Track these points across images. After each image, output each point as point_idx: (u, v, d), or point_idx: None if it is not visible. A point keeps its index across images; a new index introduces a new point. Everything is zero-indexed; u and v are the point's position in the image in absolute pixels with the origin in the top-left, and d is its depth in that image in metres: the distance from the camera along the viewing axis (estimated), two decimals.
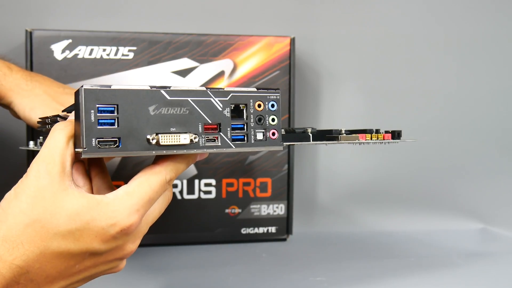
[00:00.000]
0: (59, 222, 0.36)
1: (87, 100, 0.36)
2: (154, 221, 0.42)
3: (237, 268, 0.69)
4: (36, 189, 0.37)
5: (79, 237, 0.37)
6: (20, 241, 0.36)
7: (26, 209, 0.36)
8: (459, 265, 0.71)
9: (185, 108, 0.39)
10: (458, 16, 0.95)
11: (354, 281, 0.64)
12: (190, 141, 0.39)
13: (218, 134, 0.40)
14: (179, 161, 0.41)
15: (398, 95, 0.95)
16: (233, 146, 0.40)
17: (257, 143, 0.41)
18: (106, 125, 0.36)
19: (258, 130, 0.41)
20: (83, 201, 0.37)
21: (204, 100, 0.39)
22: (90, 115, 0.36)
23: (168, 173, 0.40)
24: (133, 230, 0.38)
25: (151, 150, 0.38)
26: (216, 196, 0.81)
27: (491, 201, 0.95)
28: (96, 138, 0.36)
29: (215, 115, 0.40)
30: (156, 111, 0.38)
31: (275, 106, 0.42)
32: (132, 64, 0.77)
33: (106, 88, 0.36)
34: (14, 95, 0.60)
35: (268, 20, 0.90)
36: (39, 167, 0.37)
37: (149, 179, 0.39)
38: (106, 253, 0.39)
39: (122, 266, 0.42)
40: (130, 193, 0.38)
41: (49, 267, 0.37)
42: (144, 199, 0.39)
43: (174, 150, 0.38)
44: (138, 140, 0.37)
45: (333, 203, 0.94)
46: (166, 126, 0.38)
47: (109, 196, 0.38)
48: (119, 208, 0.37)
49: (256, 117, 0.41)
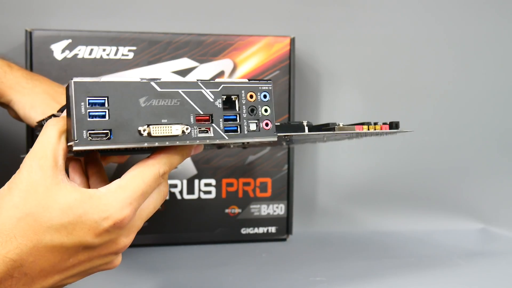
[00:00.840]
0: (51, 215, 0.36)
1: (77, 93, 0.36)
2: (149, 216, 0.42)
3: (237, 268, 0.69)
4: (29, 183, 0.37)
5: (72, 230, 0.37)
6: (13, 235, 0.36)
7: (19, 203, 0.36)
8: (459, 265, 0.71)
9: (176, 100, 0.38)
10: (459, 16, 0.95)
11: (354, 281, 0.63)
12: (182, 132, 0.38)
13: (210, 125, 0.40)
14: (172, 153, 0.41)
15: (398, 95, 0.95)
16: (226, 137, 0.40)
17: (250, 134, 0.41)
18: (97, 117, 0.36)
19: (251, 121, 0.41)
20: (75, 195, 0.37)
21: (195, 92, 0.39)
22: (80, 107, 0.36)
23: (162, 166, 0.40)
24: (126, 223, 0.38)
25: (143, 142, 0.37)
26: (216, 196, 0.80)
27: (491, 201, 0.95)
28: (87, 131, 0.36)
29: (206, 106, 0.39)
30: (147, 103, 0.38)
31: (268, 96, 0.41)
32: (132, 64, 0.77)
33: (96, 81, 0.36)
34: (14, 93, 0.60)
35: (268, 20, 0.90)
36: (32, 162, 0.37)
37: (142, 172, 0.39)
38: (100, 247, 0.39)
39: (117, 262, 0.42)
40: (123, 187, 0.38)
41: (43, 261, 0.37)
42: (137, 192, 0.39)
43: (166, 141, 0.38)
44: (130, 132, 0.37)
45: (333, 203, 0.94)
46: (157, 117, 0.38)
47: (102, 190, 0.38)
48: (111, 202, 0.38)
49: (249, 107, 0.41)
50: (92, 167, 0.44)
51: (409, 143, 0.94)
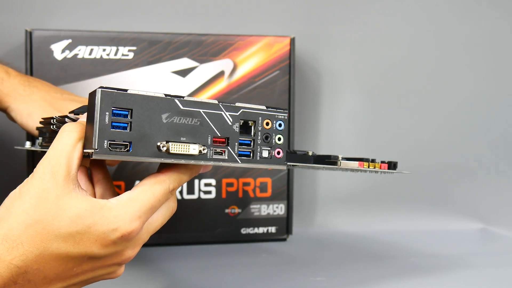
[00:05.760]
0: (60, 224, 0.36)
1: (103, 102, 0.36)
2: (156, 230, 0.42)
3: (237, 268, 0.69)
4: (40, 190, 0.37)
5: (79, 240, 0.37)
6: (20, 241, 0.36)
7: (29, 210, 0.36)
8: (459, 265, 0.71)
9: (197, 119, 0.39)
10: (459, 16, 0.95)
11: (354, 281, 0.63)
12: (199, 152, 0.39)
13: (226, 148, 0.40)
14: (183, 171, 0.41)
15: (398, 95, 0.95)
16: (239, 161, 0.41)
17: (262, 161, 0.42)
18: (119, 128, 0.37)
19: (264, 148, 0.42)
20: (86, 205, 0.37)
21: (215, 113, 0.40)
22: (104, 116, 0.36)
23: (172, 183, 0.40)
24: (134, 236, 0.39)
25: (160, 158, 0.38)
26: (216, 196, 0.80)
27: (491, 201, 0.95)
28: (108, 140, 0.36)
29: (224, 128, 0.40)
30: (169, 119, 0.38)
31: (282, 125, 0.43)
32: (132, 64, 0.77)
33: (122, 92, 0.37)
34: (11, 100, 0.60)
35: (268, 20, 0.90)
36: (45, 169, 0.37)
37: (152, 187, 0.39)
38: (105, 258, 0.39)
39: (120, 272, 0.42)
40: (133, 200, 0.38)
41: (47, 269, 0.37)
42: (146, 206, 0.39)
43: (182, 159, 0.39)
44: (149, 146, 0.38)
45: (333, 203, 0.94)
46: (177, 135, 0.38)
47: (112, 201, 0.38)
48: (121, 214, 0.38)
49: (264, 134, 0.42)
50: (98, 174, 0.44)
51: (409, 143, 0.94)
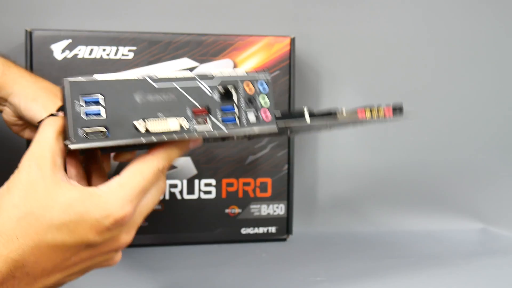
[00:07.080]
0: (52, 214, 0.36)
1: (72, 92, 0.36)
2: (149, 212, 0.42)
3: (237, 268, 0.69)
4: (28, 183, 0.37)
5: (74, 229, 0.37)
6: (15, 235, 0.36)
7: (19, 203, 0.36)
8: (459, 265, 0.71)
9: (173, 95, 0.38)
10: (459, 16, 0.95)
11: (354, 281, 0.63)
12: (180, 126, 0.38)
13: (207, 117, 0.39)
14: (171, 148, 0.41)
15: (398, 95, 0.94)
16: (225, 128, 0.40)
17: (249, 125, 0.40)
18: (92, 115, 0.36)
19: (249, 111, 0.41)
20: (75, 194, 0.37)
21: (191, 87, 0.39)
22: (75, 106, 0.36)
23: (161, 162, 0.40)
24: (127, 221, 0.39)
25: (140, 138, 0.37)
26: (216, 196, 0.80)
27: (491, 201, 0.95)
28: (83, 129, 0.36)
29: (203, 99, 0.39)
30: (143, 99, 0.38)
31: (265, 86, 0.41)
32: (132, 64, 0.77)
33: (90, 80, 0.36)
34: (17, 85, 0.59)
35: (268, 20, 0.90)
36: (30, 162, 0.37)
37: (141, 169, 0.39)
38: (101, 245, 0.39)
39: (117, 258, 0.42)
40: (123, 184, 0.39)
41: (45, 260, 0.37)
42: (137, 189, 0.39)
43: (164, 136, 0.38)
44: (127, 129, 0.37)
45: (333, 203, 0.94)
46: (153, 112, 0.38)
47: (102, 188, 0.38)
48: (112, 200, 0.38)
49: (247, 98, 0.40)
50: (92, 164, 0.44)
51: (409, 143, 0.94)
